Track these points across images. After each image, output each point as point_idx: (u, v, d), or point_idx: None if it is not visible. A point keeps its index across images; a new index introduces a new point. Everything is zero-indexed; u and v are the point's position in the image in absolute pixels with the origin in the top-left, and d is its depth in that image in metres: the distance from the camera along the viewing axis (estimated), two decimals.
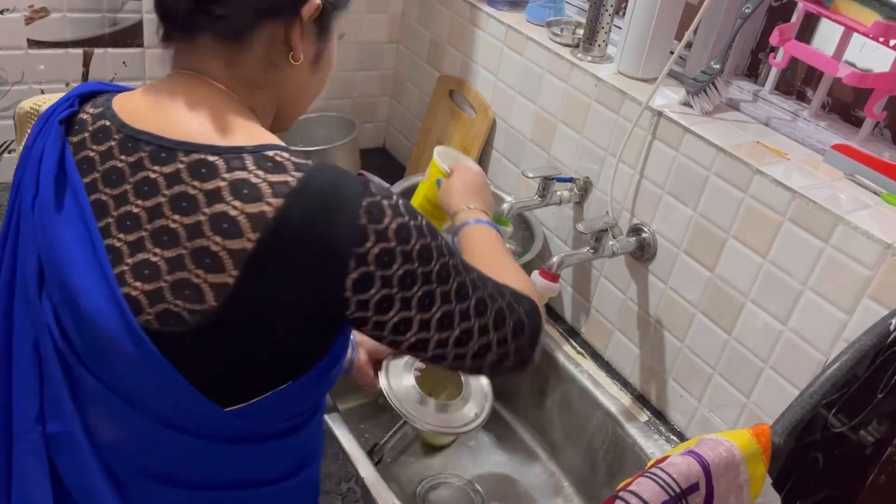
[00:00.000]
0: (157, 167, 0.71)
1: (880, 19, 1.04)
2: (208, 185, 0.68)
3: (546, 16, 1.48)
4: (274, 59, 0.76)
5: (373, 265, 0.69)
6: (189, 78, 0.75)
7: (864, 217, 0.98)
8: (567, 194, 1.36)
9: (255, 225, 0.67)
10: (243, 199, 0.67)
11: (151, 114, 0.74)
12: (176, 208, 0.69)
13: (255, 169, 0.69)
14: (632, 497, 0.72)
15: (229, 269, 0.67)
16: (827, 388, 0.78)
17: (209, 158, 0.69)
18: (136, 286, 0.70)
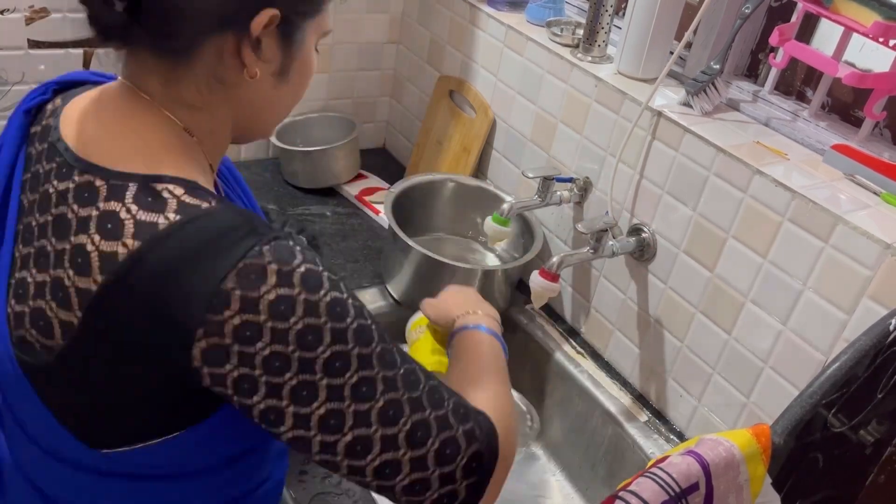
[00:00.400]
0: (55, 182, 0.66)
1: (880, 19, 1.04)
2: (84, 211, 0.62)
3: (546, 16, 1.48)
4: (223, 75, 0.67)
5: (228, 337, 0.59)
6: (127, 91, 0.69)
7: (864, 217, 0.99)
8: (567, 194, 1.36)
9: (103, 265, 0.60)
10: (104, 234, 0.61)
11: (77, 122, 0.69)
12: (55, 230, 0.64)
13: (130, 203, 0.61)
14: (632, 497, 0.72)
15: (75, 309, 0.61)
16: (827, 388, 0.78)
17: (96, 182, 0.63)
18: (11, 303, 0.66)
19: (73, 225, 0.62)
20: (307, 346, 0.61)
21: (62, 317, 0.62)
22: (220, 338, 0.59)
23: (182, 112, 0.68)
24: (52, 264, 0.63)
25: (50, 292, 0.63)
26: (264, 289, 0.59)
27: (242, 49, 0.66)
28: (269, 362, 0.60)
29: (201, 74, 0.67)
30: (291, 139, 1.76)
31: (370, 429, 0.63)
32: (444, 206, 1.57)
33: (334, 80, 1.82)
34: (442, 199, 1.56)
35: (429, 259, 1.34)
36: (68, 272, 0.61)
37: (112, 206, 0.61)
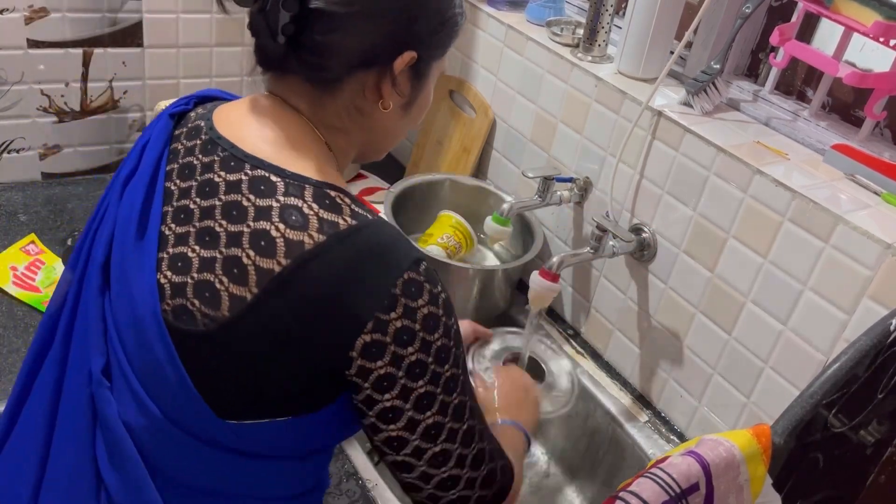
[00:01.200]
0: (223, 172, 0.73)
1: (880, 19, 1.04)
2: (262, 201, 0.69)
3: (546, 16, 1.48)
4: (361, 105, 0.76)
5: (390, 337, 0.67)
6: (279, 103, 0.77)
7: (864, 217, 0.98)
8: (567, 194, 1.36)
9: (289, 251, 0.67)
10: (288, 223, 0.68)
11: (237, 124, 0.76)
12: (226, 214, 0.70)
13: (310, 201, 0.69)
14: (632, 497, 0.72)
15: (251, 285, 0.67)
16: (827, 388, 0.78)
17: (272, 178, 0.70)
18: (166, 275, 0.71)
19: (251, 211, 0.69)
20: (440, 361, 0.70)
21: (234, 290, 0.68)
22: (382, 335, 0.67)
23: (323, 130, 0.77)
24: (223, 243, 0.69)
25: (222, 268, 0.69)
26: (420, 302, 0.68)
27: (382, 84, 0.75)
28: (412, 368, 0.69)
29: (343, 102, 0.76)
30: None
31: (454, 445, 0.73)
32: (444, 206, 1.57)
33: None
34: (442, 199, 1.56)
35: (428, 259, 1.33)
36: (248, 252, 0.68)
37: (293, 201, 0.69)
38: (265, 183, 0.70)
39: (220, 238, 0.70)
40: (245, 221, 0.69)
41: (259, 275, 0.67)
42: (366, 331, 0.67)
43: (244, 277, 0.67)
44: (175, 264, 0.72)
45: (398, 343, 0.68)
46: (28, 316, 1.24)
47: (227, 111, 0.79)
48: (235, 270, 0.68)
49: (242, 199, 0.70)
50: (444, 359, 0.70)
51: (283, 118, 0.76)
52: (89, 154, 1.61)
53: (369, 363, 0.68)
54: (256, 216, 0.69)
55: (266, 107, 0.77)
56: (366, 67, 0.74)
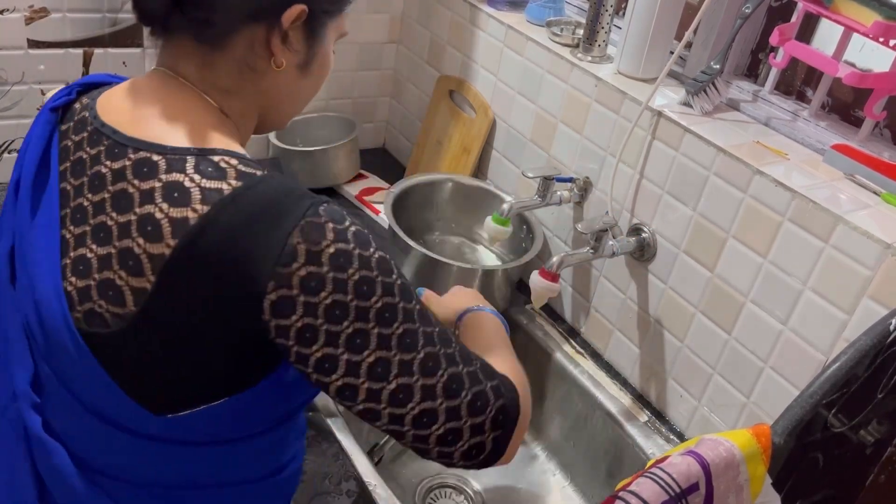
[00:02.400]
0: (108, 162, 0.70)
1: (880, 19, 1.04)
2: (145, 184, 0.67)
3: (546, 16, 1.48)
4: (254, 63, 0.73)
5: (296, 288, 0.64)
6: (163, 76, 0.74)
7: (864, 217, 0.99)
8: (567, 194, 1.36)
9: (175, 230, 0.64)
10: (172, 202, 0.65)
11: (121, 109, 0.73)
12: (115, 205, 0.68)
13: (192, 173, 0.66)
14: (632, 497, 0.72)
15: (148, 274, 0.65)
16: (827, 388, 0.78)
17: (153, 158, 0.68)
18: (71, 281, 0.69)
19: (137, 198, 0.66)
20: (362, 295, 0.65)
21: (134, 284, 0.65)
22: (288, 289, 0.64)
23: (216, 95, 0.74)
24: (115, 237, 0.67)
25: (118, 262, 0.66)
26: (325, 243, 0.64)
27: (272, 40, 0.72)
28: (330, 311, 0.65)
29: (234, 61, 0.73)
30: (291, 139, 1.76)
31: (412, 378, 0.68)
32: (444, 206, 1.57)
33: (334, 80, 1.82)
34: (442, 199, 1.56)
35: (429, 259, 1.34)
36: (137, 241, 0.65)
37: (175, 177, 0.66)
38: (147, 164, 0.67)
39: (112, 232, 0.67)
40: (132, 209, 0.66)
41: (152, 262, 0.65)
42: (269, 290, 0.63)
43: (139, 268, 0.65)
44: (77, 268, 0.69)
45: (306, 292, 0.64)
46: None
47: (109, 96, 0.76)
48: (131, 262, 0.66)
49: (128, 186, 0.67)
50: (368, 291, 0.65)
51: (166, 92, 0.73)
52: None
53: (284, 320, 0.64)
54: (141, 201, 0.66)
55: (148, 84, 0.74)
56: (253, 21, 0.71)
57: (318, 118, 1.82)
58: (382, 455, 1.33)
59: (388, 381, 0.67)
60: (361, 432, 1.39)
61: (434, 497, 1.34)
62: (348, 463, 1.10)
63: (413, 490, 1.33)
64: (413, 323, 0.68)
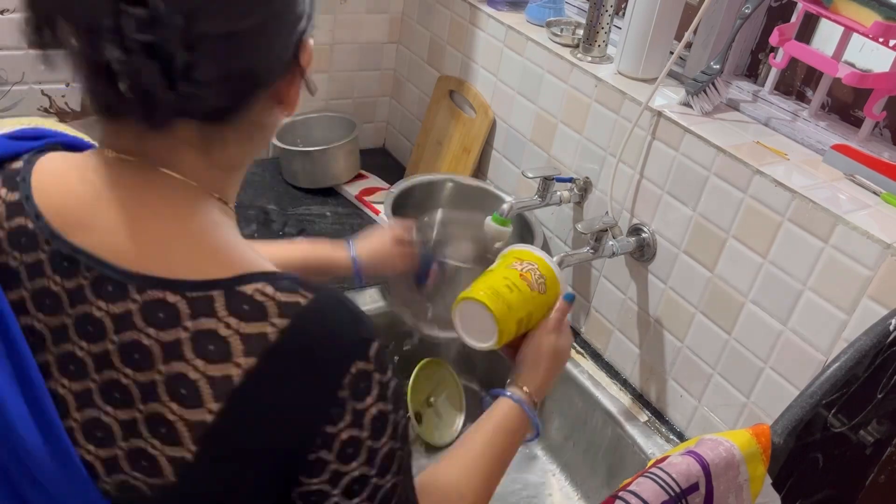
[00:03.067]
0: (101, 303, 0.56)
1: (880, 19, 1.04)
2: (166, 334, 0.55)
3: (546, 16, 1.48)
4: (265, 121, 0.62)
5: (334, 454, 0.58)
6: (139, 169, 0.58)
7: (864, 217, 0.99)
8: (567, 194, 1.36)
9: (217, 392, 0.55)
10: (207, 357, 0.55)
11: (88, 220, 0.57)
12: (127, 360, 0.56)
13: (226, 316, 0.55)
14: (632, 497, 0.72)
15: (187, 444, 0.56)
16: (827, 388, 0.79)
17: (168, 299, 0.55)
18: (88, 449, 0.58)
19: (158, 352, 0.55)
20: (383, 470, 0.61)
21: (170, 453, 0.56)
22: (328, 451, 0.58)
23: (217, 179, 0.62)
24: (138, 399, 0.56)
25: (147, 429, 0.56)
26: (369, 401, 0.58)
27: (292, 87, 0.62)
28: (351, 484, 0.59)
29: (247, 126, 0.61)
30: (291, 139, 1.76)
31: None
32: (444, 206, 1.57)
33: (334, 80, 1.82)
34: (442, 199, 1.56)
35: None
36: (170, 406, 0.55)
37: (205, 325, 0.55)
38: (163, 308, 0.55)
39: (131, 393, 0.56)
40: (154, 366, 0.55)
41: (191, 430, 0.55)
42: (312, 449, 0.58)
43: (175, 436, 0.56)
44: (93, 434, 0.58)
45: (342, 459, 0.58)
46: None
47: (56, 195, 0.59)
48: (163, 430, 0.56)
49: (141, 337, 0.55)
50: (387, 465, 0.61)
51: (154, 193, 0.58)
52: None
53: (307, 479, 0.59)
54: (166, 356, 0.55)
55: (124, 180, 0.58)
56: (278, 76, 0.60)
57: (318, 118, 1.82)
58: None
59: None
60: None
61: None
62: None
63: None
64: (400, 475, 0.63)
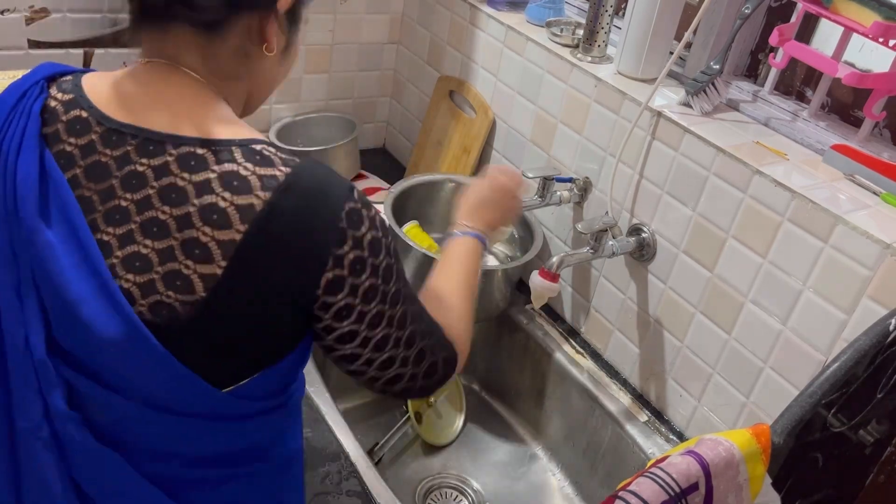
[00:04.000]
0: (144, 160, 0.70)
1: (880, 20, 1.04)
2: (197, 176, 0.69)
3: (546, 16, 1.48)
4: (248, 49, 0.76)
5: (346, 269, 0.71)
6: (164, 67, 0.74)
7: (864, 217, 0.99)
8: (567, 194, 1.36)
9: (243, 216, 0.68)
10: (233, 190, 0.68)
11: (131, 105, 0.73)
12: (165, 199, 0.69)
13: (244, 161, 0.69)
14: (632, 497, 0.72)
15: (217, 260, 0.68)
16: (826, 388, 0.79)
17: (198, 151, 0.70)
18: (127, 278, 0.70)
19: (191, 190, 0.69)
20: (386, 280, 0.74)
21: (203, 271, 0.68)
22: (340, 269, 0.70)
23: (220, 83, 0.76)
24: (174, 229, 0.69)
25: (182, 253, 0.68)
26: (363, 229, 0.71)
27: (268, 26, 0.75)
28: (366, 293, 0.72)
29: (233, 47, 0.74)
30: (291, 139, 1.76)
31: (398, 351, 0.78)
32: (444, 206, 1.57)
33: (334, 80, 1.82)
34: (442, 199, 1.56)
35: (428, 259, 1.34)
36: (202, 230, 0.68)
37: (229, 167, 0.69)
38: (193, 158, 0.70)
39: (168, 225, 0.69)
40: (189, 201, 0.69)
41: (222, 248, 0.68)
42: (327, 268, 0.70)
43: (208, 255, 0.68)
44: (132, 264, 0.70)
45: (353, 274, 0.71)
46: None
47: (109, 91, 0.75)
48: (197, 251, 0.68)
49: (177, 180, 0.69)
50: (389, 277, 0.74)
51: (174, 84, 0.74)
52: None
53: (331, 297, 0.71)
54: (198, 192, 0.68)
55: (154, 76, 0.74)
56: (250, 8, 0.73)
57: (318, 118, 1.82)
58: (382, 455, 1.33)
59: (382, 352, 0.77)
60: (361, 433, 1.39)
61: (434, 497, 1.34)
62: (348, 463, 1.10)
63: (413, 490, 1.33)
64: (406, 304, 0.78)
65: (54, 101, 0.76)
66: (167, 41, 0.74)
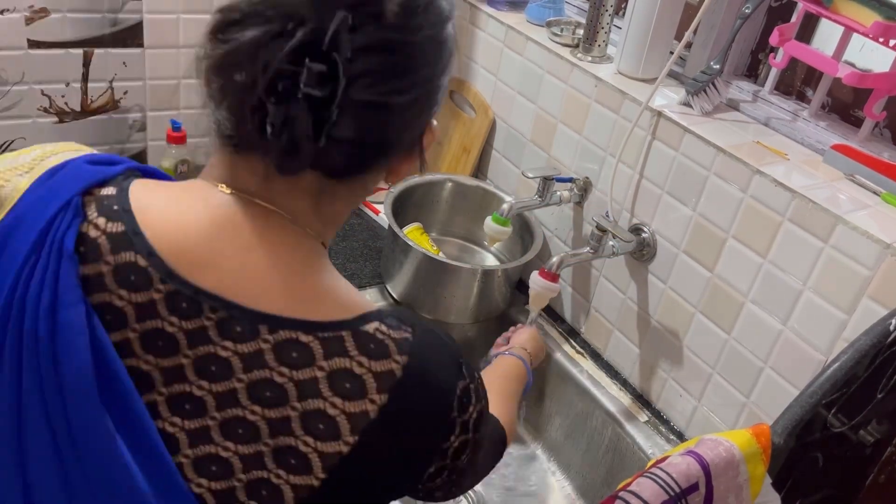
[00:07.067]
0: (229, 343, 0.57)
1: (880, 19, 1.04)
2: (300, 373, 0.57)
3: (546, 16, 1.48)
4: (369, 186, 0.66)
5: (449, 458, 0.65)
6: (255, 209, 0.60)
7: (864, 217, 0.99)
8: (567, 194, 1.36)
9: (354, 427, 0.58)
10: (344, 394, 0.58)
11: (208, 259, 0.58)
12: (256, 398, 0.57)
13: (357, 355, 0.59)
14: (632, 497, 0.72)
15: (316, 472, 0.58)
16: (827, 388, 0.78)
17: (301, 338, 0.58)
18: (200, 483, 0.58)
19: (292, 389, 0.58)
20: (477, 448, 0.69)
21: (297, 481, 0.58)
22: (443, 459, 0.65)
23: (323, 228, 0.64)
24: (267, 434, 0.58)
25: (274, 461, 0.58)
26: (471, 409, 0.65)
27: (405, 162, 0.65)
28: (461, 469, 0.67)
29: (357, 188, 0.65)
30: None
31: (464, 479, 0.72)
32: (443, 206, 1.57)
33: None
34: (442, 199, 1.57)
35: (428, 259, 1.34)
36: (304, 439, 0.58)
37: (340, 364, 0.58)
38: (296, 348, 0.57)
39: (259, 429, 0.58)
40: (288, 403, 0.57)
41: (324, 459, 0.58)
42: (432, 463, 0.64)
43: (306, 466, 0.58)
44: (207, 468, 0.58)
45: (455, 457, 0.66)
46: None
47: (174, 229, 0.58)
48: (293, 461, 0.58)
49: (274, 375, 0.57)
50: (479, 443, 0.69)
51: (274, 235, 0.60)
52: None
53: (430, 483, 0.66)
54: (301, 394, 0.57)
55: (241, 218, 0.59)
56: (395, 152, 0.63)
57: None
58: None
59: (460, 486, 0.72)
60: None
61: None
62: None
63: None
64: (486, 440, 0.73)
65: (95, 229, 0.58)
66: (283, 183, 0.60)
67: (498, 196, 1.52)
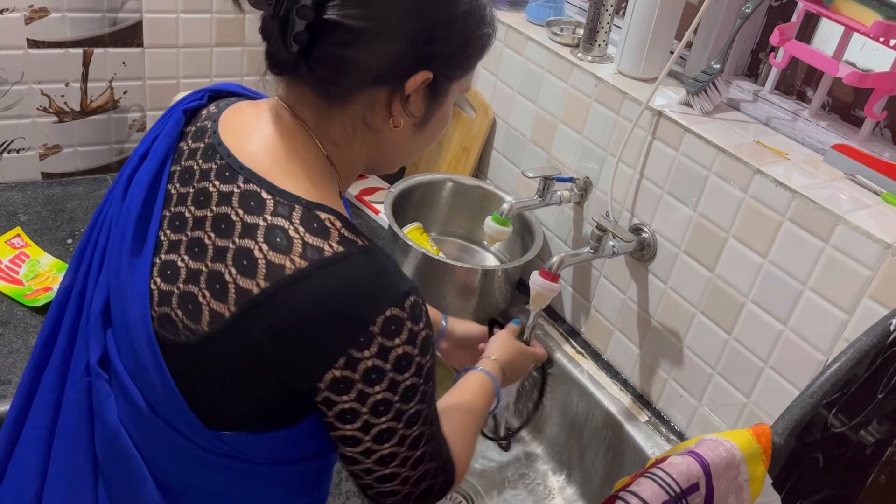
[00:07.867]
0: (217, 182, 0.72)
1: (880, 19, 1.04)
2: (250, 218, 0.68)
3: (546, 15, 1.48)
4: (370, 121, 0.74)
5: (359, 375, 0.67)
6: (283, 112, 0.75)
7: (864, 217, 0.98)
8: (567, 194, 1.36)
9: (269, 274, 0.66)
10: (272, 245, 0.67)
11: (240, 131, 0.75)
12: (215, 226, 0.70)
13: (297, 223, 0.67)
14: (632, 497, 0.72)
15: (230, 303, 0.67)
16: (827, 388, 0.78)
17: (263, 194, 0.69)
18: (156, 281, 0.72)
19: (238, 228, 0.68)
20: (405, 399, 0.70)
21: (214, 307, 0.67)
22: (352, 372, 0.66)
23: (327, 144, 0.75)
24: (209, 257, 0.69)
25: (205, 281, 0.68)
26: (398, 341, 0.67)
27: (393, 102, 0.72)
28: (377, 406, 0.69)
29: (350, 117, 0.73)
30: None
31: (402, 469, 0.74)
32: (443, 206, 1.57)
33: None
34: (442, 199, 1.56)
35: (429, 259, 1.34)
36: (230, 269, 0.67)
37: (280, 222, 0.67)
38: (255, 198, 0.69)
39: (207, 251, 0.69)
40: (231, 237, 0.68)
41: (238, 294, 0.66)
42: (336, 366, 0.66)
43: (224, 294, 0.67)
44: (164, 272, 0.72)
45: (366, 382, 0.67)
46: (10, 310, 1.23)
47: (234, 115, 0.77)
48: (217, 286, 0.68)
49: (232, 213, 0.69)
50: (411, 397, 0.70)
51: (286, 129, 0.74)
52: (89, 154, 1.61)
53: (335, 396, 0.68)
54: (243, 233, 0.68)
55: (271, 115, 0.75)
56: (377, 84, 0.71)
57: None
58: None
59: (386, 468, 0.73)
60: None
61: None
62: None
63: None
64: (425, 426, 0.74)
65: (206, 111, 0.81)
66: (290, 91, 0.75)
67: (498, 196, 1.52)
